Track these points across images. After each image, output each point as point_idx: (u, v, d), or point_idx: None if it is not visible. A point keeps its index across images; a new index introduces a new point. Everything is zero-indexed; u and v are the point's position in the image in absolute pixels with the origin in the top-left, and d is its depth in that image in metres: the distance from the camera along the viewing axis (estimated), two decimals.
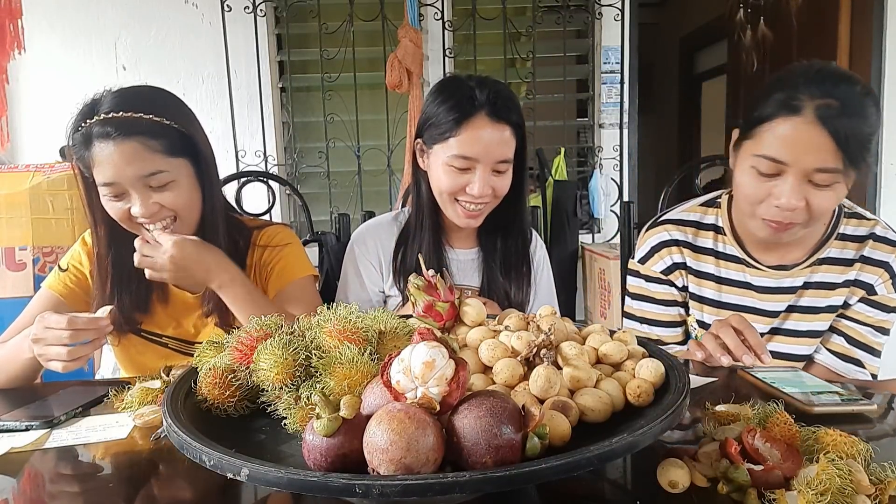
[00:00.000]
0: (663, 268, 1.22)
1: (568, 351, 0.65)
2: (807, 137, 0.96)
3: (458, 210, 1.23)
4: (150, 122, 1.04)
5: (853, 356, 1.12)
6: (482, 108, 1.16)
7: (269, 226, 1.29)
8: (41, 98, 2.60)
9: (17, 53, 2.25)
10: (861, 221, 1.14)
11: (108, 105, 1.03)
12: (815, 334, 1.15)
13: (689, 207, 1.24)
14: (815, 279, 1.13)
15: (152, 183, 1.05)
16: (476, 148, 1.17)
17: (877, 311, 1.12)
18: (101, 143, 1.02)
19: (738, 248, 1.17)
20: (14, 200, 1.79)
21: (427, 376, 0.49)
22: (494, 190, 1.21)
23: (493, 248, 1.32)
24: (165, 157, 1.05)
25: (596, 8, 2.65)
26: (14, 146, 2.60)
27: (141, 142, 1.03)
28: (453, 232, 1.33)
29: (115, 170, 1.02)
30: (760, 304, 1.16)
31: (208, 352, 0.71)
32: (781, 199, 0.99)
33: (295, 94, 2.73)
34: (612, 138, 2.74)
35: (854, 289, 1.12)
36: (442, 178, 1.20)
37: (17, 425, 0.80)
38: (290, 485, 0.45)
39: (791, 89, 0.99)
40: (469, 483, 0.43)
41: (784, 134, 0.98)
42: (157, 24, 2.61)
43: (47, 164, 1.86)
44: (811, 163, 0.96)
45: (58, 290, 1.16)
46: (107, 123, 1.02)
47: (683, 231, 1.21)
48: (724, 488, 0.56)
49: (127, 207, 1.06)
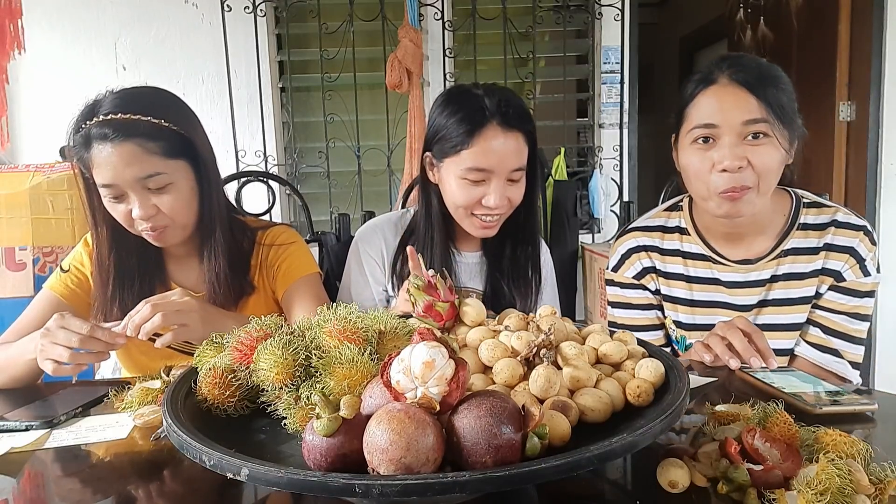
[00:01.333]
0: (634, 273, 1.25)
1: (568, 351, 0.65)
2: (727, 97, 1.05)
3: (474, 222, 1.22)
4: (149, 124, 1.03)
5: (831, 346, 1.13)
6: (493, 118, 1.14)
7: (274, 226, 1.30)
8: (41, 98, 2.60)
9: (17, 53, 2.25)
10: (821, 210, 1.15)
11: (108, 106, 1.03)
12: (793, 327, 1.16)
13: (654, 214, 1.29)
14: (782, 271, 1.15)
15: (150, 185, 1.05)
16: (490, 159, 1.14)
17: (849, 298, 1.12)
18: (100, 144, 1.02)
19: (703, 245, 1.20)
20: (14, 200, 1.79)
21: (427, 376, 0.49)
22: (510, 200, 1.19)
23: (501, 253, 1.31)
24: (164, 160, 1.05)
25: (596, 8, 2.65)
26: (14, 146, 2.60)
27: (139, 144, 1.02)
28: (461, 237, 1.32)
29: (113, 171, 1.02)
30: (730, 299, 1.18)
31: (208, 352, 0.71)
32: (724, 161, 1.03)
33: (295, 94, 2.74)
34: (612, 138, 2.74)
35: (823, 277, 1.14)
36: (456, 192, 1.19)
37: (17, 425, 0.80)
38: (290, 485, 0.45)
39: (704, 70, 1.10)
40: (469, 483, 0.43)
41: (707, 101, 1.07)
42: (157, 24, 2.62)
43: (47, 164, 1.86)
44: (738, 117, 1.03)
45: (59, 291, 1.16)
46: (105, 125, 1.02)
47: (650, 236, 1.25)
48: (724, 488, 0.56)
49: (128, 209, 1.06)
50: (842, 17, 2.67)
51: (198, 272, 1.21)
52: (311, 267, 1.25)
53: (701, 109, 1.08)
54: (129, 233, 1.11)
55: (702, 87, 1.08)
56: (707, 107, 1.07)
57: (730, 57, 1.09)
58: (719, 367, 0.97)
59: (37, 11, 2.50)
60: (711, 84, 1.07)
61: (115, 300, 1.13)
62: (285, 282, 1.22)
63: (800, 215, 1.16)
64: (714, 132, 1.05)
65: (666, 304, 1.24)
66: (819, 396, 0.80)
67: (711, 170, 1.06)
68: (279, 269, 1.23)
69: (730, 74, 1.06)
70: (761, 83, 1.04)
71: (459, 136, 1.15)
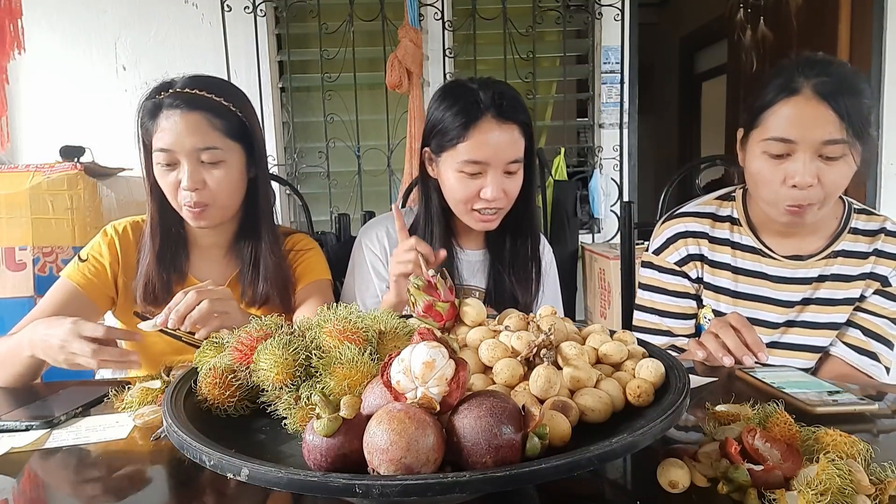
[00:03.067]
0: (678, 259, 1.23)
1: (568, 351, 0.65)
2: (809, 113, 1.02)
3: (474, 217, 1.22)
4: (218, 103, 1.12)
5: (869, 349, 1.14)
6: (488, 111, 1.15)
7: (295, 233, 1.34)
8: (41, 98, 2.59)
9: (17, 53, 2.25)
10: (871, 217, 1.18)
11: (183, 83, 1.12)
12: (832, 326, 1.17)
13: (705, 201, 1.27)
14: (831, 271, 1.16)
15: (204, 157, 1.10)
16: (486, 151, 1.16)
17: (892, 303, 1.15)
18: (169, 111, 1.09)
19: (754, 237, 1.20)
20: (14, 200, 1.79)
21: (427, 376, 0.49)
22: (507, 192, 1.20)
23: (502, 248, 1.31)
24: (223, 137, 1.12)
25: (596, 8, 2.65)
26: (14, 146, 2.60)
27: (204, 117, 1.10)
28: (463, 234, 1.33)
29: (175, 137, 1.09)
30: (775, 294, 1.18)
31: (208, 352, 0.71)
32: (796, 177, 1.02)
33: (295, 94, 2.73)
34: (612, 138, 2.74)
35: (870, 281, 1.15)
36: (455, 186, 1.20)
37: (17, 425, 0.80)
38: (290, 485, 0.45)
39: (787, 75, 1.05)
40: (469, 483, 0.43)
41: (788, 114, 1.04)
42: (157, 24, 2.61)
43: (47, 164, 1.86)
44: (818, 136, 1.01)
45: (77, 280, 1.17)
46: (178, 96, 1.10)
47: (700, 222, 1.23)
48: (724, 488, 0.56)
49: (178, 179, 1.10)
50: (842, 17, 2.66)
51: (219, 265, 1.24)
52: (324, 273, 1.29)
53: (780, 121, 1.04)
54: (170, 212, 1.16)
55: (784, 96, 1.04)
56: (786, 120, 1.03)
57: (816, 64, 1.04)
58: (719, 368, 0.97)
59: (37, 11, 2.49)
60: (794, 94, 1.03)
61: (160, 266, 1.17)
62: (299, 283, 1.26)
63: (851, 219, 1.18)
64: (790, 147, 1.03)
65: (708, 293, 1.22)
66: (819, 396, 0.80)
67: (783, 183, 1.05)
68: (295, 272, 1.27)
69: (814, 86, 1.01)
70: (844, 97, 1.00)
71: (455, 129, 1.16)
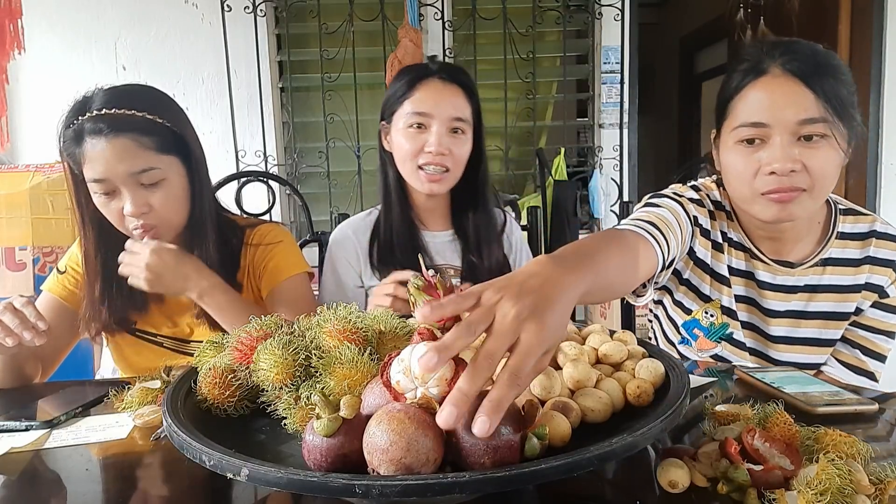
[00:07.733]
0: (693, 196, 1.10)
1: (568, 351, 0.65)
2: (780, 91, 0.91)
3: (420, 176, 1.25)
4: (143, 119, 1.03)
5: (867, 369, 1.06)
6: (434, 74, 1.26)
7: (261, 224, 1.27)
8: (41, 98, 2.60)
9: (17, 53, 2.25)
10: (858, 218, 1.08)
11: (100, 102, 1.02)
12: (826, 343, 1.08)
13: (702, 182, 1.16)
14: (823, 282, 1.06)
15: (143, 180, 1.03)
16: (429, 103, 1.23)
17: (889, 315, 1.06)
18: (93, 139, 1.01)
19: (744, 235, 1.09)
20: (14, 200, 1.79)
21: (427, 377, 0.49)
22: (452, 152, 1.23)
23: (466, 227, 1.34)
24: (157, 155, 1.04)
25: (596, 8, 2.65)
26: (14, 146, 2.60)
27: (133, 138, 1.02)
28: (425, 212, 1.34)
29: (106, 166, 1.01)
30: (760, 301, 1.09)
31: (208, 352, 0.71)
32: (774, 163, 0.91)
33: (295, 94, 2.73)
34: (612, 138, 2.74)
35: (866, 293, 1.06)
36: (403, 143, 1.25)
37: (17, 425, 0.80)
38: (290, 485, 0.45)
39: (753, 58, 0.96)
40: (469, 483, 0.43)
41: (757, 96, 0.94)
42: (157, 24, 2.61)
43: (47, 164, 1.86)
44: (792, 115, 0.90)
45: (57, 292, 1.16)
46: (99, 120, 1.01)
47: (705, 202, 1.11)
48: (724, 488, 0.56)
49: (119, 207, 1.04)
50: (842, 17, 2.66)
51: None
52: (297, 267, 1.22)
53: (749, 105, 0.94)
54: (117, 232, 1.09)
55: (750, 79, 0.94)
56: (756, 102, 0.93)
57: (782, 43, 0.94)
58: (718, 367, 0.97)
59: (37, 12, 2.49)
60: (761, 75, 0.93)
61: (104, 301, 1.12)
62: (270, 283, 1.19)
63: (837, 223, 1.07)
64: (763, 132, 0.93)
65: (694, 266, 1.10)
66: (819, 396, 0.80)
67: (757, 173, 0.94)
68: (265, 270, 1.20)
69: (782, 63, 0.92)
70: (819, 74, 0.90)
71: (402, 88, 1.26)
